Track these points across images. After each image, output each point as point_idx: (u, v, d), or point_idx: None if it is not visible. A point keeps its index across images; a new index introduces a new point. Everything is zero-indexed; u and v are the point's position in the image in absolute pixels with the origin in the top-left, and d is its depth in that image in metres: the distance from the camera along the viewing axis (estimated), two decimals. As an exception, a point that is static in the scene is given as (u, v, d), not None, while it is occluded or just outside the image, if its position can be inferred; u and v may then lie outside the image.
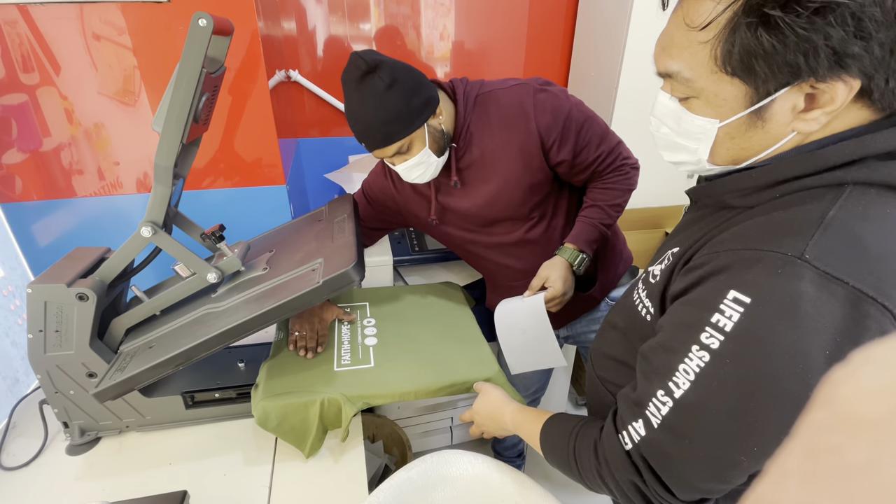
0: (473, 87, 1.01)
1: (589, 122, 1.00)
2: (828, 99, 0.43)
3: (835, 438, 0.16)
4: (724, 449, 0.47)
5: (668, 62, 0.50)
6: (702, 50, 0.46)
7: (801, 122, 0.46)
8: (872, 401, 0.16)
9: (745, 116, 0.48)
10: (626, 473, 0.54)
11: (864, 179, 0.44)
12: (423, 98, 0.91)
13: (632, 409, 0.54)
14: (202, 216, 1.17)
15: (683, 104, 0.51)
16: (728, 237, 0.49)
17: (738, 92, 0.47)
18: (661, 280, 0.57)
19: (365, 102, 0.89)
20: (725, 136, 0.50)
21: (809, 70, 0.42)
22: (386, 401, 0.95)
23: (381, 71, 0.87)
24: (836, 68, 0.41)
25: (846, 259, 0.41)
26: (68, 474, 0.89)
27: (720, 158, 0.53)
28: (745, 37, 0.43)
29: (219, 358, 1.04)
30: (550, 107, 0.97)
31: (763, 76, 0.44)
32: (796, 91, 0.44)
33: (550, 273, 1.03)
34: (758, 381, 0.44)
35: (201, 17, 0.67)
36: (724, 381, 0.45)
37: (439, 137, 0.97)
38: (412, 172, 0.99)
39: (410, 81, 0.90)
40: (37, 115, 1.12)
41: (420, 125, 0.92)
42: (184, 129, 0.73)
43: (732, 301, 0.44)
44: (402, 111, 0.89)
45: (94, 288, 0.82)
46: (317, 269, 0.84)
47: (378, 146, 0.93)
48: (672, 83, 0.51)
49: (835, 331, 0.41)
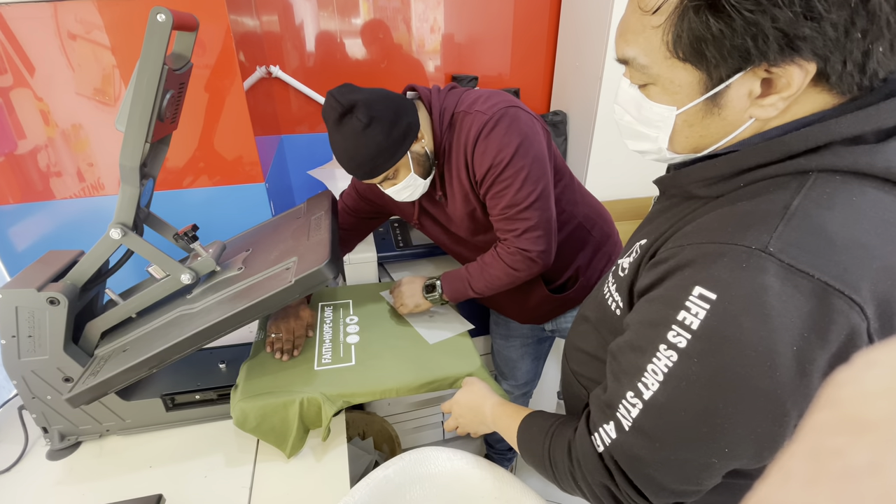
0: (450, 103, 0.98)
1: (516, 179, 0.92)
2: (784, 84, 0.42)
3: (838, 440, 0.16)
4: (694, 451, 0.46)
5: (624, 48, 0.48)
6: (655, 35, 0.45)
7: (759, 108, 0.44)
8: (876, 403, 0.16)
9: (702, 103, 0.46)
10: (599, 476, 0.53)
11: (829, 166, 0.43)
12: (402, 128, 0.91)
13: (603, 411, 0.53)
14: (182, 216, 1.16)
15: (642, 91, 0.50)
16: (692, 230, 0.48)
17: (693, 78, 0.45)
18: (629, 274, 0.56)
19: (346, 143, 0.90)
20: (684, 124, 0.49)
21: (760, 54, 0.40)
22: (367, 398, 0.94)
23: (357, 111, 0.87)
24: (787, 51, 0.39)
25: (811, 251, 0.40)
26: (49, 479, 0.88)
27: (680, 146, 0.51)
28: (693, 21, 0.41)
29: (199, 359, 1.04)
30: (487, 150, 0.93)
31: (714, 61, 0.42)
32: (751, 76, 0.43)
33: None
34: (726, 380, 0.42)
35: (160, 13, 0.66)
36: (693, 382, 0.44)
37: (423, 161, 0.98)
38: (401, 194, 1.01)
39: (388, 114, 0.89)
40: (11, 118, 1.10)
41: (403, 154, 0.93)
42: (147, 127, 0.71)
43: (698, 298, 0.43)
44: (383, 146, 0.89)
45: (65, 292, 0.81)
46: (290, 267, 0.83)
47: (366, 178, 0.95)
48: (630, 70, 0.50)
49: (802, 325, 0.39)
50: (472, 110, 0.94)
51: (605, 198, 1.74)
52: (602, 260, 1.15)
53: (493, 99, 0.95)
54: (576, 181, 1.13)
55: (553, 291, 1.15)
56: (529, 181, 0.93)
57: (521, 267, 1.01)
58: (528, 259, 1.00)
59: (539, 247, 0.98)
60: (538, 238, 0.98)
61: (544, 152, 0.97)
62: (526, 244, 0.98)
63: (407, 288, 1.14)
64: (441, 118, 0.97)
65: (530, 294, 1.15)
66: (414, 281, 1.15)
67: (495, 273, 1.03)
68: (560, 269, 1.13)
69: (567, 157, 1.87)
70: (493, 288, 1.05)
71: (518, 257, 1.00)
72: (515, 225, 0.97)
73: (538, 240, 0.98)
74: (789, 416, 0.42)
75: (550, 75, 1.95)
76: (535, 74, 1.95)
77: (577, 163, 1.80)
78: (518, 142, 0.91)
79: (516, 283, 1.05)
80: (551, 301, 1.15)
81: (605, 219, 1.17)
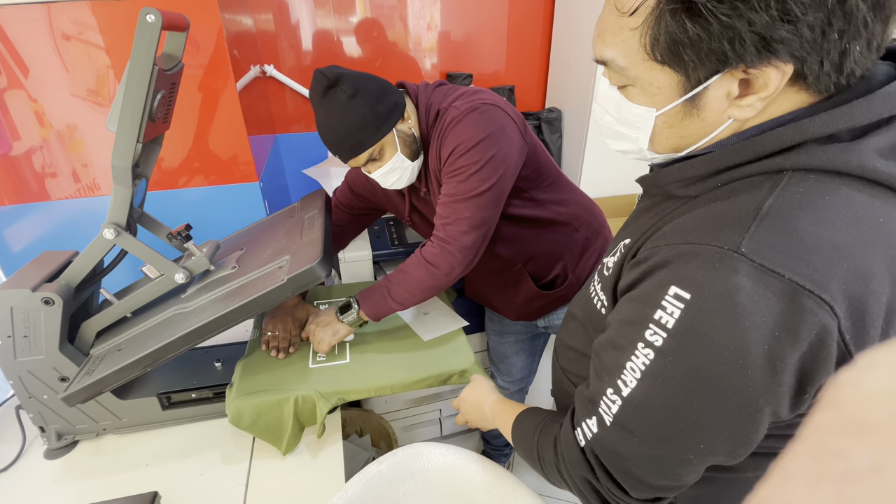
0: (437, 99, 0.98)
1: (468, 170, 0.91)
2: (762, 84, 0.42)
3: (840, 442, 0.16)
4: (671, 447, 0.47)
5: (602, 49, 0.48)
6: (632, 37, 0.45)
7: (737, 109, 0.44)
8: (878, 404, 0.16)
9: (681, 105, 0.46)
10: (580, 470, 0.54)
11: (803, 165, 0.43)
12: (387, 104, 0.91)
13: (586, 407, 0.54)
14: (177, 216, 1.16)
15: (622, 92, 0.50)
16: (670, 230, 0.48)
17: (671, 80, 0.45)
18: (613, 273, 0.56)
19: (330, 116, 0.89)
20: (663, 125, 0.49)
21: (737, 57, 0.40)
22: (361, 396, 0.94)
23: (342, 83, 0.87)
24: (764, 53, 0.40)
25: (782, 251, 0.40)
26: (46, 478, 0.89)
27: (660, 147, 0.52)
28: (670, 24, 0.41)
29: (195, 358, 1.04)
30: (452, 138, 0.92)
31: (692, 64, 0.43)
32: (729, 77, 0.43)
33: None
34: (699, 378, 0.43)
35: (149, 13, 0.66)
36: (668, 379, 0.45)
37: (410, 142, 0.97)
38: (388, 178, 0.98)
39: (373, 89, 0.90)
40: (5, 119, 1.11)
41: (388, 130, 0.92)
42: (139, 128, 0.72)
43: (673, 297, 0.44)
44: (368, 118, 0.89)
45: (59, 292, 0.81)
46: (283, 266, 0.83)
47: (350, 156, 0.93)
48: (609, 71, 0.50)
49: (773, 324, 0.40)
50: (451, 106, 0.95)
51: (600, 194, 1.75)
52: (592, 257, 1.16)
53: (474, 96, 0.95)
54: (564, 180, 1.12)
55: (542, 288, 1.15)
56: (478, 176, 0.91)
57: (439, 262, 0.95)
58: (448, 253, 0.94)
59: (463, 241, 0.94)
60: (464, 233, 0.93)
61: (508, 154, 0.93)
62: (450, 234, 0.94)
63: (317, 321, 1.04)
64: (427, 113, 0.98)
65: (519, 290, 1.16)
66: (324, 312, 1.07)
67: (415, 274, 0.98)
68: (547, 266, 1.13)
69: (562, 154, 1.87)
70: (415, 293, 0.99)
71: (437, 250, 0.95)
72: (448, 213, 0.94)
73: (465, 235, 0.93)
74: (762, 413, 0.43)
75: (545, 73, 1.95)
76: (529, 72, 1.95)
77: (571, 160, 1.81)
78: (481, 136, 0.90)
79: (438, 287, 0.98)
80: (541, 297, 1.15)
81: (595, 217, 1.17)
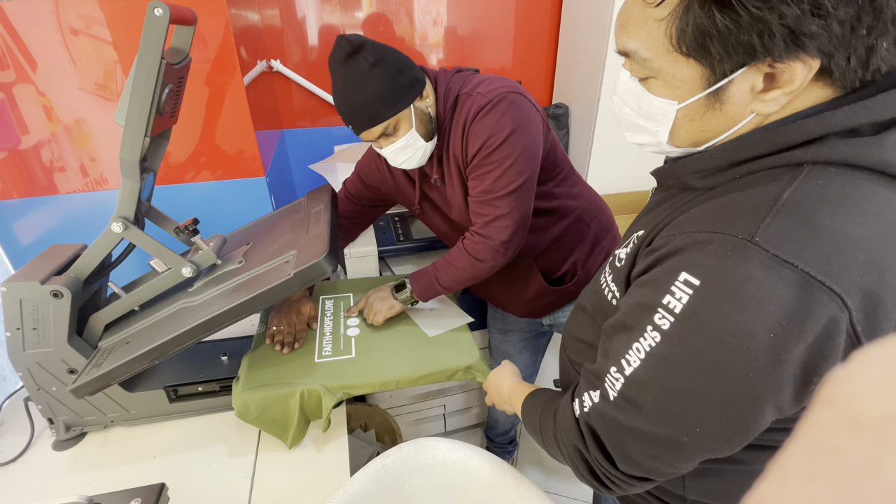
0: (456, 84, 0.98)
1: (500, 165, 0.92)
2: (787, 79, 0.42)
3: (836, 439, 0.16)
4: (666, 427, 0.48)
5: (626, 40, 0.48)
6: (657, 28, 0.45)
7: (760, 104, 0.44)
8: (874, 401, 0.16)
9: (703, 98, 0.46)
10: (572, 438, 0.56)
11: (824, 158, 0.43)
12: (408, 78, 0.90)
13: (590, 381, 0.55)
14: (184, 210, 1.17)
15: (643, 84, 0.50)
16: (685, 219, 0.48)
17: (695, 73, 0.45)
18: (626, 264, 0.56)
19: (349, 82, 0.88)
20: (684, 119, 0.49)
21: (765, 50, 0.40)
22: (366, 390, 0.95)
23: (365, 51, 0.86)
24: (793, 48, 0.39)
25: (797, 242, 0.40)
26: (55, 469, 0.90)
27: (680, 141, 0.51)
28: (698, 16, 0.41)
29: (202, 351, 1.05)
30: (480, 130, 0.92)
31: (718, 57, 0.42)
32: (754, 71, 0.42)
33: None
34: (701, 362, 0.44)
35: (157, 7, 0.66)
36: (671, 362, 0.45)
37: (427, 121, 0.96)
38: (399, 156, 0.97)
39: (395, 61, 0.89)
40: (14, 113, 1.11)
41: (405, 105, 0.91)
42: (147, 122, 0.72)
43: (683, 283, 0.44)
44: (387, 89, 0.88)
45: (68, 285, 0.82)
46: (290, 260, 0.83)
47: (365, 126, 0.92)
48: (631, 63, 0.49)
49: (781, 314, 0.40)
50: (475, 92, 0.94)
51: (607, 191, 1.74)
52: (601, 254, 1.15)
53: (497, 83, 0.94)
54: (575, 174, 1.13)
55: (551, 284, 1.15)
56: (513, 170, 0.92)
57: (484, 257, 0.99)
58: (491, 248, 0.97)
59: (504, 236, 0.96)
60: (506, 228, 0.96)
61: (536, 145, 0.95)
62: (492, 232, 0.96)
63: (376, 296, 1.12)
64: (445, 98, 0.97)
65: (528, 286, 1.15)
66: (381, 288, 1.14)
67: (460, 265, 1.02)
68: (558, 261, 1.13)
69: (569, 150, 1.87)
70: (460, 282, 1.04)
71: (481, 246, 0.98)
72: (488, 210, 0.96)
73: (505, 230, 0.96)
74: (761, 402, 0.43)
75: (552, 68, 1.94)
76: (536, 67, 1.94)
77: (578, 156, 1.80)
78: (511, 128, 0.90)
79: (481, 276, 1.03)
80: (549, 294, 1.15)
81: (604, 213, 1.17)
